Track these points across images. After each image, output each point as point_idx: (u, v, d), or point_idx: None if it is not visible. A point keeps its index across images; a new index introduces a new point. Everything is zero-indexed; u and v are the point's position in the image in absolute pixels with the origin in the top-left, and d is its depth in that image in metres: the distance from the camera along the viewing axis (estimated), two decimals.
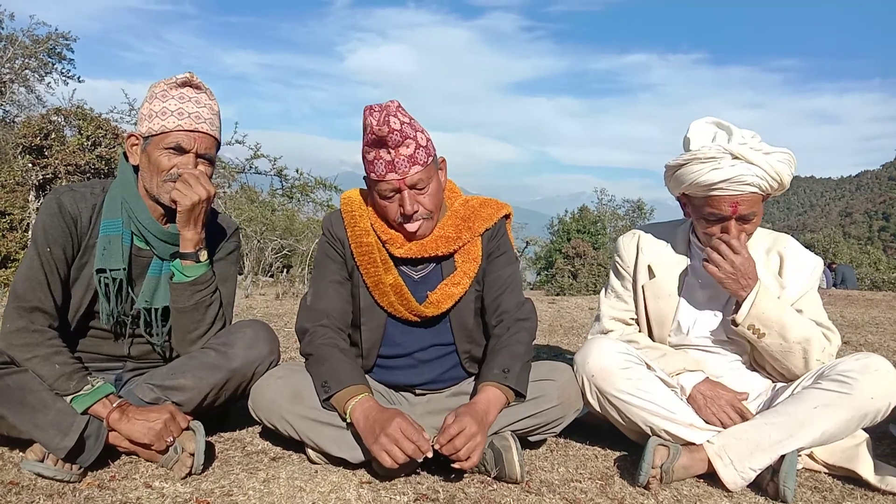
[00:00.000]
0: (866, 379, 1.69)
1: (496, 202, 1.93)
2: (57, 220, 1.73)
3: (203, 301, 1.82)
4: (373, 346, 1.89)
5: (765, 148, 1.82)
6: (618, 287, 2.13)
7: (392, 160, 1.69)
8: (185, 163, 1.77)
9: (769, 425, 1.72)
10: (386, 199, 1.76)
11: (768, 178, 1.80)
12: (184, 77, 1.80)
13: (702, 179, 1.82)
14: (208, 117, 1.80)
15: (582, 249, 22.25)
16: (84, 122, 8.84)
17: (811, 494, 1.70)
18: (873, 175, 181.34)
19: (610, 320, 2.11)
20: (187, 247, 1.79)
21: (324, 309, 1.84)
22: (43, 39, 14.95)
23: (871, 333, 4.68)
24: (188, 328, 1.82)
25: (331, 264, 1.89)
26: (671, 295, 2.01)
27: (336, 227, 1.88)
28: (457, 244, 1.83)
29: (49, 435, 1.59)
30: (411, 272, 1.86)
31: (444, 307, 1.83)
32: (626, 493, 1.68)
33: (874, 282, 17.78)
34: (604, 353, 1.83)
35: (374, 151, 1.71)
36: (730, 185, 1.80)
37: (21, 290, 1.69)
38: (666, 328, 2.02)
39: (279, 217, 15.40)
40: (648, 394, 1.79)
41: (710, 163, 1.81)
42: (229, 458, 1.80)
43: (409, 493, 1.60)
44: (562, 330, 4.51)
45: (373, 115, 1.68)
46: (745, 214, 1.84)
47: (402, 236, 1.81)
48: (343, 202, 1.91)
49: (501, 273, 1.89)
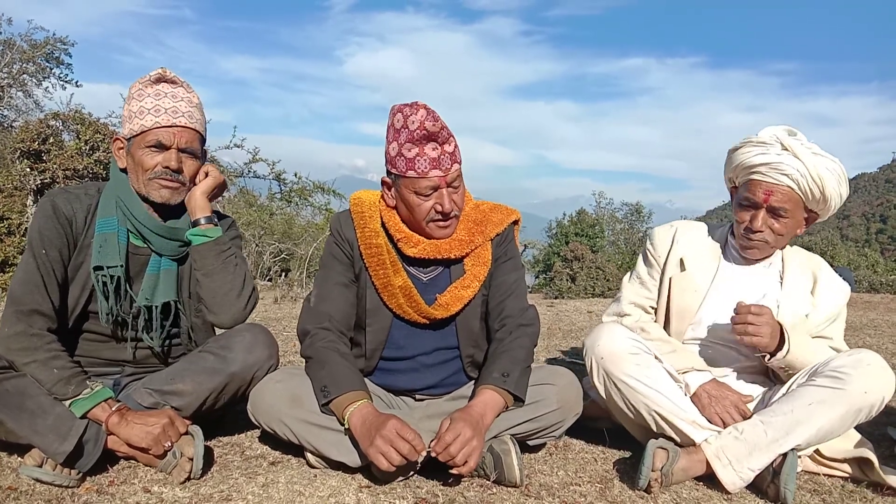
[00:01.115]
0: (859, 374, 1.70)
1: (506, 207, 1.94)
2: (52, 222, 1.73)
3: (229, 260, 1.84)
4: (376, 348, 1.88)
5: (815, 149, 1.86)
6: (644, 274, 2.15)
7: (437, 157, 1.71)
8: (168, 159, 1.77)
9: (765, 424, 1.72)
10: (422, 197, 1.74)
11: (809, 177, 1.82)
12: (157, 73, 1.80)
13: (748, 161, 1.90)
14: (186, 110, 1.79)
15: (580, 253, 22.25)
16: (82, 127, 8.84)
17: (810, 497, 1.70)
18: (870, 178, 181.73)
19: (629, 304, 2.13)
20: (204, 211, 1.83)
21: (326, 311, 1.83)
22: (41, 44, 14.94)
23: (869, 336, 4.69)
24: (224, 289, 1.83)
25: (337, 265, 1.88)
26: (697, 290, 2.02)
27: (345, 228, 1.88)
28: (469, 247, 1.84)
29: (48, 440, 1.58)
30: (420, 274, 1.86)
31: (454, 309, 1.83)
32: (626, 496, 1.68)
33: (872, 284, 17.80)
34: (614, 337, 1.84)
35: (419, 148, 1.70)
36: (769, 170, 1.86)
37: (18, 293, 1.69)
38: (686, 322, 2.02)
39: (278, 221, 15.39)
40: (655, 382, 1.80)
41: (760, 147, 1.89)
42: (228, 463, 1.80)
43: (408, 497, 1.60)
44: (560, 333, 4.50)
45: (418, 111, 1.69)
46: (777, 207, 1.87)
47: (417, 235, 1.81)
48: (353, 203, 1.90)
49: (507, 278, 1.89)
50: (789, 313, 1.94)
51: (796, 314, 1.95)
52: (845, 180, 1.90)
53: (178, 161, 1.78)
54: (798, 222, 1.94)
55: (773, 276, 2.03)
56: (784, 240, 1.96)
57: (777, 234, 1.92)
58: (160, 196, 1.78)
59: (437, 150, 1.71)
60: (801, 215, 1.93)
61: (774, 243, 1.95)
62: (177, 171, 1.79)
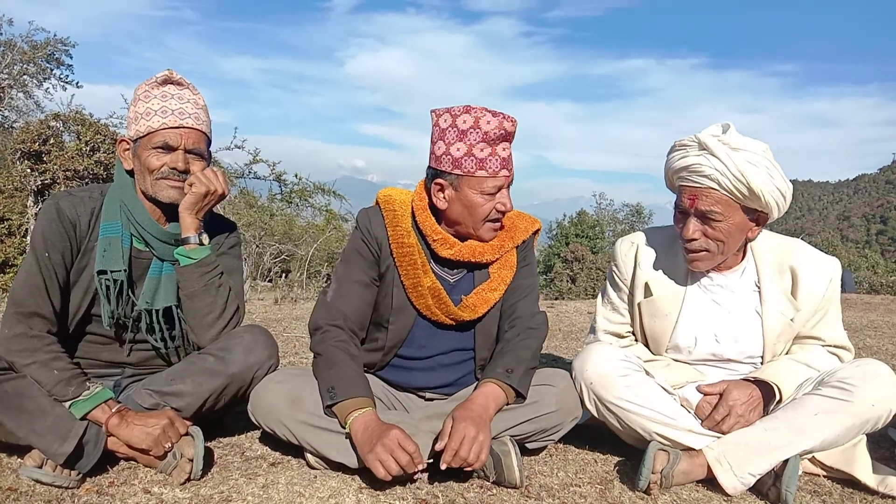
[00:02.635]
0: (867, 386, 1.68)
1: (529, 216, 1.98)
2: (55, 225, 1.73)
3: (212, 283, 1.82)
4: (395, 346, 1.89)
5: (734, 143, 1.71)
6: (614, 298, 2.04)
7: (506, 157, 1.76)
8: (175, 160, 1.77)
9: (769, 431, 1.71)
10: (487, 196, 1.77)
11: (729, 175, 1.68)
12: (164, 75, 1.80)
13: (672, 166, 1.82)
14: (193, 112, 1.80)
15: (580, 254, 22.24)
16: (83, 128, 8.84)
17: (810, 498, 1.70)
18: (871, 179, 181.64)
19: (605, 334, 2.04)
20: (188, 231, 1.80)
21: (342, 309, 1.83)
22: (41, 45, 14.96)
23: (869, 337, 4.69)
24: (203, 312, 1.82)
25: (361, 262, 1.87)
26: (668, 315, 1.91)
27: (375, 226, 1.86)
28: (500, 252, 1.86)
29: (47, 441, 1.58)
30: (447, 276, 1.87)
31: (481, 311, 1.85)
32: (626, 497, 1.68)
33: (872, 285, 17.81)
34: (602, 360, 1.81)
35: (491, 148, 1.73)
36: (689, 173, 1.75)
37: (20, 295, 1.69)
38: (662, 346, 1.96)
39: (278, 222, 15.38)
40: (647, 400, 1.78)
41: (681, 150, 1.79)
42: (228, 464, 1.80)
43: (408, 498, 1.60)
44: (560, 334, 4.51)
45: (484, 113, 1.73)
46: (705, 211, 1.74)
47: (453, 238, 1.82)
48: (383, 201, 1.88)
49: (523, 282, 1.92)
50: (772, 323, 1.85)
51: (780, 322, 1.85)
52: (777, 170, 1.72)
53: (184, 162, 1.79)
54: (739, 225, 1.76)
55: (749, 286, 1.89)
56: (728, 246, 1.79)
57: (716, 241, 1.77)
58: (167, 196, 1.78)
59: (507, 150, 1.76)
60: (741, 217, 1.75)
61: (717, 251, 1.79)
62: (184, 172, 1.79)
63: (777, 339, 1.87)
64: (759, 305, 1.87)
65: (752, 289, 1.89)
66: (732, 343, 1.89)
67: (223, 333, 1.84)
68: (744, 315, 1.88)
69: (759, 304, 1.87)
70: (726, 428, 1.76)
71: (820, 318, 1.88)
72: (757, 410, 1.79)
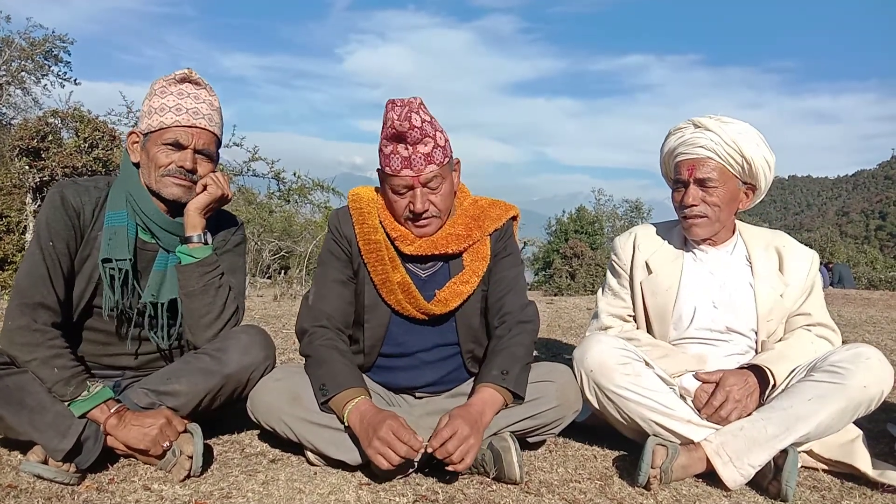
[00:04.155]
0: (858, 368, 1.70)
1: (504, 203, 1.94)
2: (59, 213, 1.72)
3: (212, 283, 1.82)
4: (375, 344, 1.88)
5: (725, 119, 1.95)
6: (615, 285, 2.15)
7: (409, 157, 1.71)
8: (184, 159, 1.77)
9: (765, 420, 1.72)
10: (398, 195, 1.76)
11: (724, 143, 1.90)
12: (182, 73, 1.80)
13: (668, 147, 2.02)
14: (207, 113, 1.80)
15: (580, 250, 22.25)
16: (81, 125, 8.84)
17: (810, 493, 1.71)
18: (870, 174, 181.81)
19: (608, 317, 2.13)
20: (194, 230, 1.81)
21: (324, 310, 1.84)
22: (40, 42, 14.91)
23: (868, 332, 4.70)
24: (201, 312, 1.81)
25: (335, 262, 1.88)
26: (669, 289, 2.02)
27: (343, 225, 1.88)
28: (467, 242, 1.84)
29: (47, 436, 1.58)
30: (418, 270, 1.86)
31: (453, 305, 1.83)
32: (626, 493, 1.68)
33: (871, 281, 17.85)
34: (602, 349, 1.83)
35: (392, 146, 1.71)
36: (686, 147, 1.95)
37: (24, 285, 1.68)
38: (667, 323, 2.02)
39: (277, 218, 15.39)
40: (646, 390, 1.80)
41: (677, 133, 2.01)
42: (228, 461, 1.80)
43: (408, 494, 1.60)
44: (560, 330, 4.51)
45: (395, 109, 1.69)
46: (703, 178, 1.93)
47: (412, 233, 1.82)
48: (351, 199, 1.90)
49: (507, 274, 1.89)
50: (765, 296, 1.96)
51: (771, 296, 1.96)
52: (764, 142, 1.94)
53: (193, 161, 1.78)
54: (733, 193, 1.96)
55: (740, 261, 2.04)
56: (724, 212, 1.96)
57: (713, 206, 1.94)
58: (171, 193, 1.78)
59: (409, 150, 1.71)
60: (735, 185, 1.95)
61: (714, 217, 1.95)
62: (190, 171, 1.79)
63: (769, 313, 1.95)
64: (751, 279, 2.00)
65: (743, 263, 2.04)
66: (729, 309, 1.97)
67: (221, 333, 1.84)
68: (737, 286, 2.00)
69: (751, 277, 2.00)
70: (724, 414, 1.77)
71: (806, 298, 2.00)
72: (753, 396, 1.81)
